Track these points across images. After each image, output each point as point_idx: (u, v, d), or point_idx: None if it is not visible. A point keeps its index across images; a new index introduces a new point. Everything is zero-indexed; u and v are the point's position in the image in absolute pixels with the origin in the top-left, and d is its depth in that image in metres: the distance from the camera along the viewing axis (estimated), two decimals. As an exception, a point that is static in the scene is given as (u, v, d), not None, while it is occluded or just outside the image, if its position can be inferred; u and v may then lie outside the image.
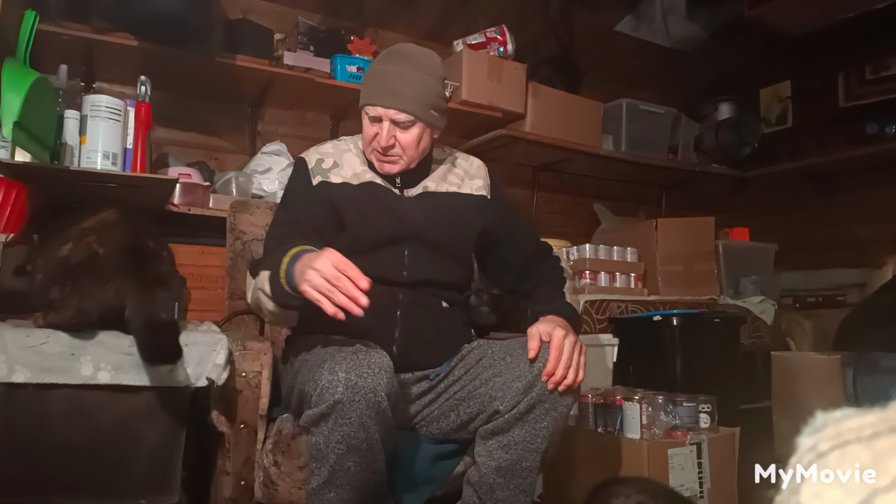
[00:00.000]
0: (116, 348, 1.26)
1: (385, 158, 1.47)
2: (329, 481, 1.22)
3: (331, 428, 1.18)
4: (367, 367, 1.18)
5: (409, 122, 1.43)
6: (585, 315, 2.43)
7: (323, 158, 1.54)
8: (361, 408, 1.16)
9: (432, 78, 1.45)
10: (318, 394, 1.18)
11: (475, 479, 1.36)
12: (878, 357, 2.06)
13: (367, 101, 1.45)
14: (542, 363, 1.29)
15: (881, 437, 0.32)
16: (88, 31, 2.03)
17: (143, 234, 1.37)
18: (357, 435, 1.18)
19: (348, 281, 1.15)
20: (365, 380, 1.16)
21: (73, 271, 1.24)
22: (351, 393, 1.15)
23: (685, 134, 3.34)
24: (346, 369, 1.17)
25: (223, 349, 1.34)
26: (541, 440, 1.30)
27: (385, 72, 1.44)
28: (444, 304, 1.52)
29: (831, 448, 0.33)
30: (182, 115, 2.46)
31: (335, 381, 1.16)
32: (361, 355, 1.19)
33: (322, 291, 1.15)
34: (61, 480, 1.26)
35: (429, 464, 1.43)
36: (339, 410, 1.16)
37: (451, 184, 1.58)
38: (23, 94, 1.47)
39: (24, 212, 1.62)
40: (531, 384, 1.28)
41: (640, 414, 1.74)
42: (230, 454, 1.41)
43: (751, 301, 2.75)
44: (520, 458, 1.31)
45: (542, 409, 1.29)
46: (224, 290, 1.91)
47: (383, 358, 1.21)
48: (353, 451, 1.19)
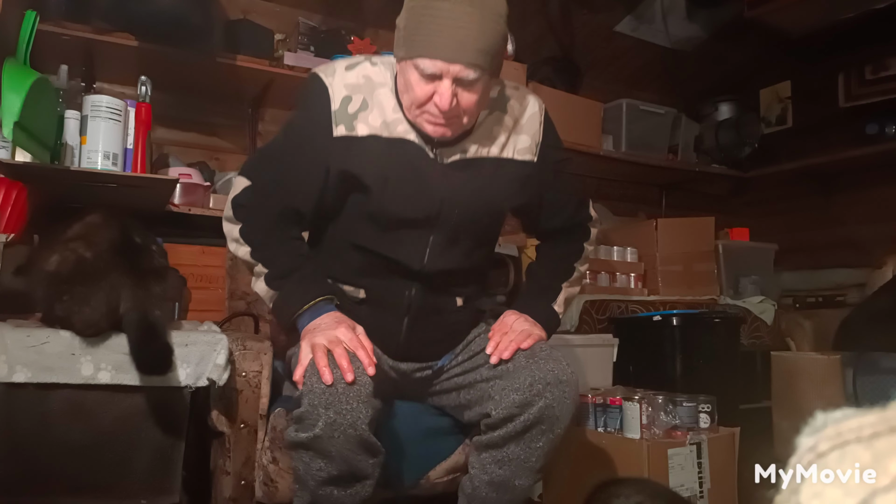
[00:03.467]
0: (117, 348, 1.26)
1: (440, 121, 1.20)
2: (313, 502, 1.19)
3: (311, 457, 1.14)
4: (347, 402, 1.10)
5: (475, 78, 1.15)
6: (585, 315, 2.43)
7: (350, 97, 1.26)
8: (341, 443, 1.11)
9: (499, 17, 1.15)
10: (298, 419, 1.14)
11: (468, 491, 1.33)
12: (878, 357, 2.06)
13: (421, 53, 1.13)
14: (541, 384, 1.23)
15: (881, 437, 0.32)
16: (89, 31, 2.02)
17: (129, 231, 1.38)
18: (339, 467, 1.13)
19: (354, 358, 1.15)
20: (344, 416, 1.09)
21: (66, 282, 1.24)
22: (330, 430, 1.10)
23: (685, 134, 3.34)
24: (326, 405, 1.10)
25: (223, 349, 1.34)
26: (535, 459, 1.26)
27: (442, 12, 1.11)
28: (458, 301, 1.40)
29: (831, 448, 0.33)
30: (182, 115, 2.46)
31: (315, 415, 1.10)
32: (341, 390, 1.11)
33: (321, 363, 1.13)
34: (62, 480, 1.27)
35: (425, 437, 1.42)
36: (319, 445, 1.11)
37: (495, 143, 1.32)
38: (23, 94, 1.47)
39: (25, 212, 1.62)
40: (528, 402, 1.22)
41: (640, 414, 1.74)
42: (230, 454, 1.41)
43: (751, 301, 2.75)
44: (513, 475, 1.27)
45: (538, 430, 1.24)
46: (224, 290, 1.91)
47: (363, 389, 1.13)
48: (334, 481, 1.15)
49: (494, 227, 1.42)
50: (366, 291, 1.35)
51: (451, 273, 1.35)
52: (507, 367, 1.30)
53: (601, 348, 2.27)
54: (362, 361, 1.16)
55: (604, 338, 2.31)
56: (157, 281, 1.34)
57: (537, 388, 1.23)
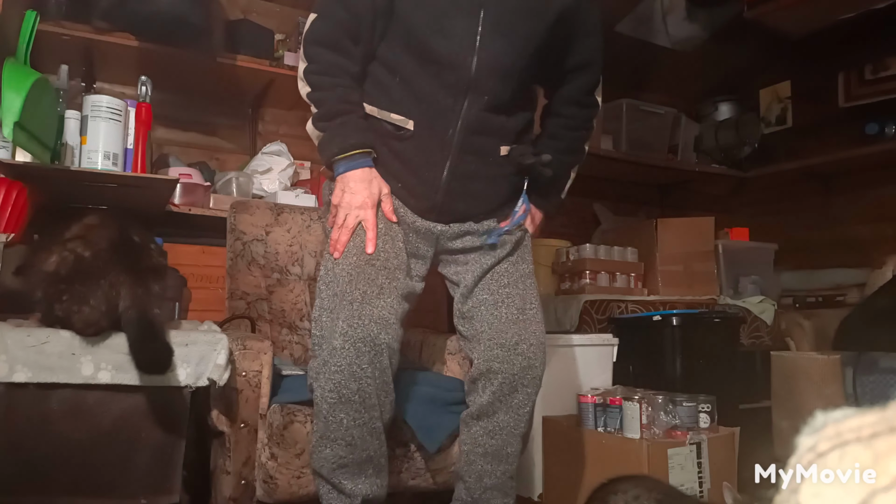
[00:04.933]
0: (117, 348, 1.26)
1: None
2: (324, 435, 1.26)
3: (326, 378, 1.23)
4: (368, 318, 1.21)
5: None
6: (585, 315, 2.44)
7: None
8: (351, 356, 1.20)
9: None
10: (317, 342, 1.26)
11: (464, 470, 1.41)
12: (878, 357, 2.06)
13: None
14: (525, 344, 1.35)
15: (881, 437, 0.32)
16: (89, 31, 2.03)
17: (128, 230, 1.38)
18: (348, 385, 1.21)
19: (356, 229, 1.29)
20: (360, 330, 1.20)
21: (65, 282, 1.24)
22: (343, 341, 1.20)
23: (685, 134, 3.34)
24: (346, 318, 1.21)
25: (224, 349, 1.34)
26: (524, 424, 1.38)
27: None
28: (502, 150, 1.40)
29: (831, 448, 0.33)
30: (182, 115, 2.46)
31: (334, 329, 1.22)
32: (366, 307, 1.22)
33: (339, 228, 1.31)
34: (62, 480, 1.27)
35: (445, 404, 1.49)
36: (333, 358, 1.22)
37: None
38: (24, 94, 1.47)
39: (25, 212, 1.62)
40: (510, 359, 1.35)
41: (640, 414, 1.74)
42: (230, 453, 1.41)
43: (750, 301, 2.75)
44: (505, 444, 1.38)
45: (524, 394, 1.36)
46: (224, 290, 1.91)
47: (384, 312, 1.24)
48: (344, 403, 1.22)
49: (541, 32, 1.35)
50: (414, 124, 1.34)
51: (503, 85, 1.34)
52: (500, 314, 1.39)
53: (601, 348, 2.27)
54: (367, 239, 1.30)
55: (604, 338, 2.31)
56: (155, 280, 1.34)
57: (521, 347, 1.35)
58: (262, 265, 1.91)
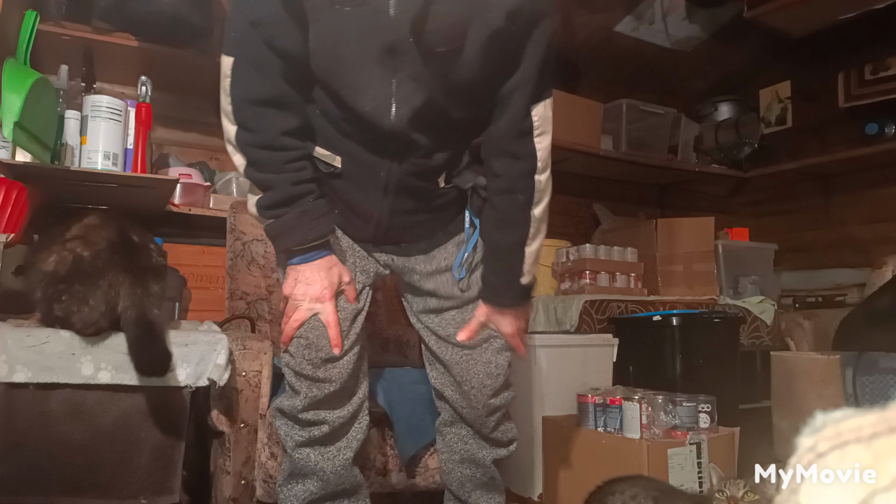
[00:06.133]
0: (117, 348, 1.26)
1: None
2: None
3: (299, 489, 1.30)
4: (336, 448, 1.28)
5: None
6: (585, 315, 2.43)
7: None
8: (326, 482, 1.28)
9: None
10: (289, 463, 1.31)
11: (447, 479, 1.44)
12: (878, 357, 2.06)
13: None
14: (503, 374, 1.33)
15: (881, 438, 0.32)
16: (89, 31, 2.02)
17: (127, 230, 1.38)
18: (322, 501, 1.30)
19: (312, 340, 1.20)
20: (330, 462, 1.27)
21: (64, 282, 1.25)
22: (318, 471, 1.27)
23: (685, 134, 3.34)
24: (315, 447, 1.28)
25: (224, 349, 1.34)
26: (490, 428, 1.38)
27: None
28: (441, 183, 1.23)
29: (831, 448, 0.33)
30: (182, 115, 2.46)
31: (306, 461, 1.27)
32: (335, 433, 1.27)
33: (289, 320, 1.20)
34: (62, 480, 1.27)
35: (427, 408, 1.49)
36: (306, 483, 1.29)
37: None
38: (24, 94, 1.47)
39: (25, 212, 1.62)
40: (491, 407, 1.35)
41: (639, 414, 1.74)
42: (230, 453, 1.41)
43: (750, 301, 2.75)
44: (479, 448, 1.39)
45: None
46: (224, 290, 1.91)
47: (357, 433, 1.31)
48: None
49: (466, 79, 1.09)
50: (342, 160, 1.18)
51: (430, 133, 1.13)
52: (472, 357, 1.32)
53: (601, 348, 2.27)
54: (329, 340, 1.19)
55: (604, 338, 2.31)
56: (155, 279, 1.34)
57: (503, 394, 1.36)
58: (262, 265, 1.91)
